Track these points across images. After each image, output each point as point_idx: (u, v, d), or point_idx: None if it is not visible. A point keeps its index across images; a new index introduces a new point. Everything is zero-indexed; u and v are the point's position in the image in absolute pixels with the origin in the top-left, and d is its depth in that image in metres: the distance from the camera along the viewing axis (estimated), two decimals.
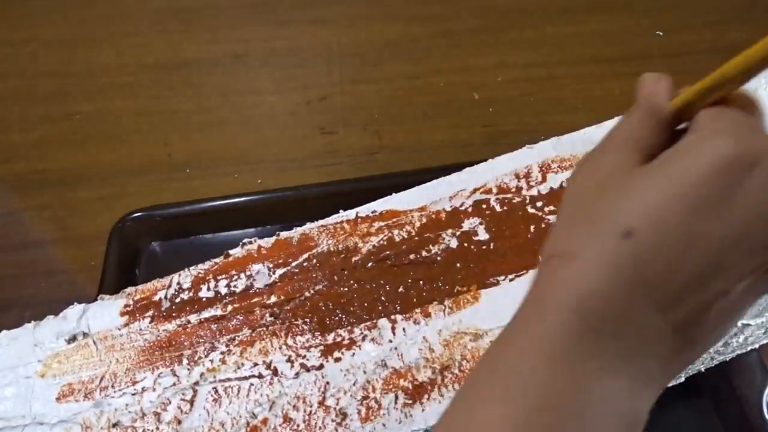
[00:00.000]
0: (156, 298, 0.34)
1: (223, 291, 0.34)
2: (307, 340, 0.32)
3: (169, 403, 0.30)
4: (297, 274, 0.35)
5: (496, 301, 0.33)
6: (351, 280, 0.34)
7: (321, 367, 0.31)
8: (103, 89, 0.69)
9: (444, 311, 0.33)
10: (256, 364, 0.32)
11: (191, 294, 0.34)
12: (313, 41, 0.73)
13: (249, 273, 0.35)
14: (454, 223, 0.36)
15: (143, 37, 0.75)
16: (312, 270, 0.35)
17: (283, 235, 0.37)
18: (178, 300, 0.34)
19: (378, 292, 0.34)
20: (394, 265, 0.35)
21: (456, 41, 0.72)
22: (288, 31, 0.75)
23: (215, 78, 0.70)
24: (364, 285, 0.34)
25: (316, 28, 0.75)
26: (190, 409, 0.30)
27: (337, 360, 0.32)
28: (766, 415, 0.40)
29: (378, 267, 0.35)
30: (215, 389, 0.31)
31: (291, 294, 0.34)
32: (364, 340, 0.32)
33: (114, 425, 0.30)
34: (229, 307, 0.34)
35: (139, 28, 0.76)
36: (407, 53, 0.71)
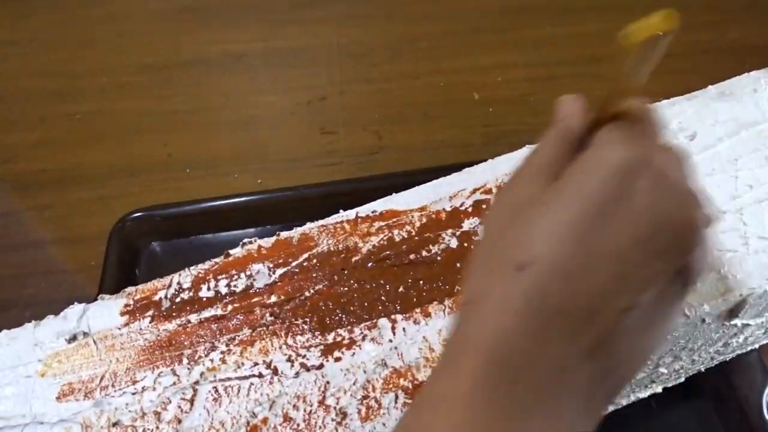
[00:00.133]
0: (156, 297, 0.34)
1: (224, 291, 0.34)
2: (307, 340, 0.32)
3: (170, 402, 0.30)
4: (297, 274, 0.35)
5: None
6: (351, 280, 0.34)
7: (321, 366, 0.31)
8: (103, 89, 0.69)
9: (444, 311, 0.33)
10: (256, 364, 0.32)
11: (191, 294, 0.34)
12: (313, 41, 0.73)
13: (249, 273, 0.35)
14: (454, 223, 0.36)
15: (143, 37, 0.75)
16: (312, 270, 0.35)
17: (283, 235, 0.37)
18: (178, 300, 0.34)
19: (378, 292, 0.34)
20: (394, 265, 0.35)
21: (456, 41, 0.72)
22: (288, 31, 0.75)
23: (215, 78, 0.70)
24: (364, 285, 0.34)
25: (316, 28, 0.75)
26: (191, 409, 0.30)
27: (337, 359, 0.32)
28: (766, 415, 0.40)
29: (378, 267, 0.35)
30: (215, 388, 0.31)
31: (291, 294, 0.34)
32: (364, 339, 0.32)
33: (114, 424, 0.30)
34: (230, 307, 0.34)
35: (139, 28, 0.76)
36: (407, 53, 0.71)
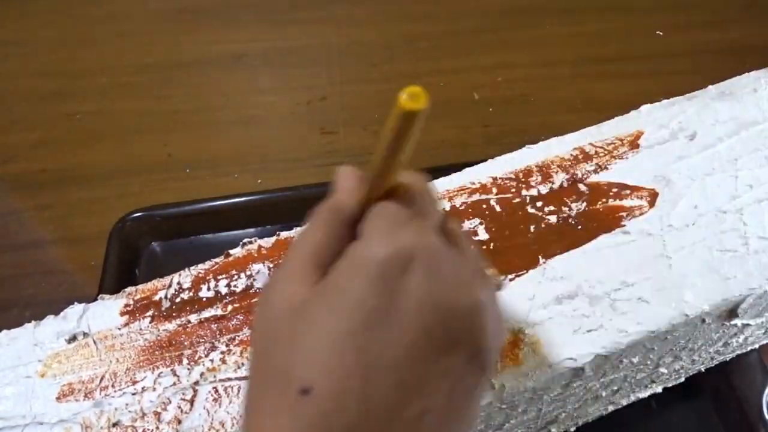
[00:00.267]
0: (156, 297, 0.34)
1: (224, 291, 0.34)
2: None
3: (170, 402, 0.30)
4: None
5: None
6: None
7: None
8: (103, 89, 0.69)
9: None
10: None
11: (191, 294, 0.34)
12: (313, 41, 0.73)
13: (249, 273, 0.35)
14: None
15: (143, 37, 0.75)
16: None
17: (283, 235, 0.37)
18: (178, 300, 0.34)
19: None
20: None
21: (456, 41, 0.72)
22: (288, 31, 0.75)
23: (215, 78, 0.70)
24: None
25: (316, 28, 0.75)
26: (191, 409, 0.30)
27: None
28: (766, 415, 0.40)
29: None
30: (215, 389, 0.31)
31: None
32: None
33: (114, 425, 0.30)
34: (230, 307, 0.34)
35: (139, 28, 0.76)
36: (407, 53, 0.71)
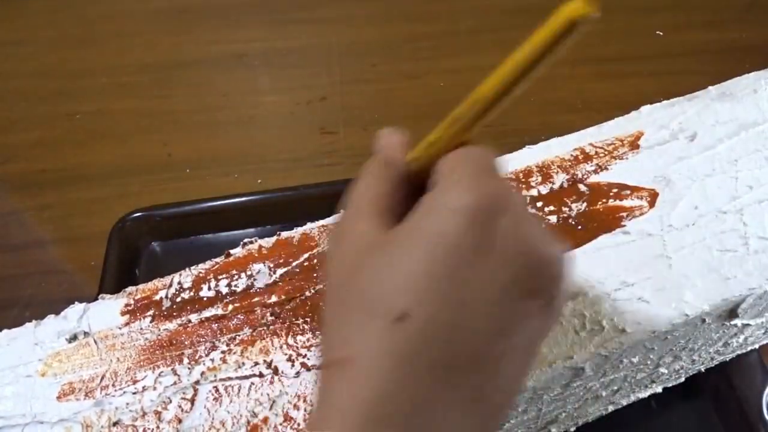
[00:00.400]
0: (157, 297, 0.34)
1: (224, 290, 0.34)
2: (308, 340, 0.32)
3: (170, 401, 0.30)
4: (298, 274, 0.35)
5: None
6: None
7: None
8: (103, 89, 0.69)
9: None
10: (256, 364, 0.32)
11: (192, 293, 0.34)
12: (313, 41, 0.73)
13: (250, 273, 0.35)
14: None
15: (143, 37, 0.75)
16: (313, 270, 0.35)
17: (283, 235, 0.37)
18: (178, 299, 0.34)
19: None
20: None
21: (456, 41, 0.72)
22: (288, 31, 0.75)
23: (215, 78, 0.70)
24: None
25: (316, 28, 0.75)
26: (191, 408, 0.30)
27: None
28: (766, 415, 0.40)
29: None
30: (216, 388, 0.31)
31: (292, 293, 0.34)
32: None
33: (114, 424, 0.30)
34: (230, 307, 0.34)
35: (139, 28, 0.76)
36: (407, 53, 0.71)
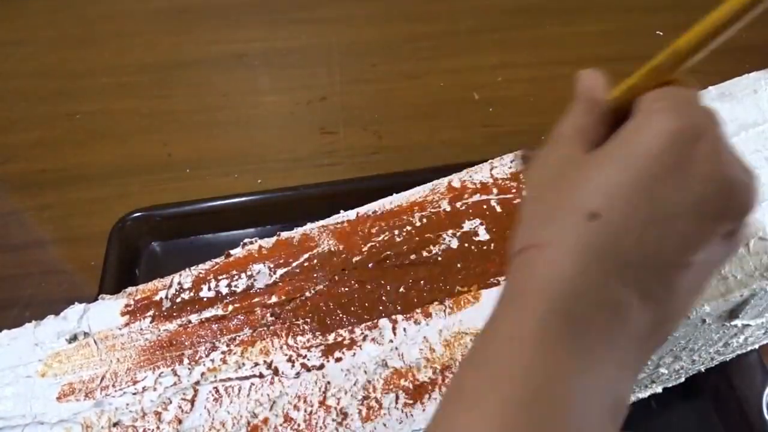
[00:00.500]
0: (157, 297, 0.34)
1: (224, 291, 0.34)
2: (308, 340, 0.32)
3: (170, 402, 0.30)
4: (298, 274, 0.35)
5: (496, 301, 0.33)
6: (352, 280, 0.34)
7: (322, 366, 0.31)
8: (103, 89, 0.69)
9: (445, 311, 0.33)
10: (256, 364, 0.32)
11: (192, 294, 0.34)
12: (313, 41, 0.73)
13: (250, 273, 0.35)
14: (454, 224, 0.36)
15: (143, 37, 0.75)
16: (313, 270, 0.35)
17: (283, 235, 0.37)
18: (178, 300, 0.34)
19: (378, 292, 0.34)
20: (395, 266, 0.35)
21: (456, 41, 0.72)
22: (288, 31, 0.75)
23: (215, 78, 0.70)
24: (365, 285, 0.34)
25: (316, 28, 0.75)
26: (191, 409, 0.30)
27: (338, 360, 0.32)
28: (766, 415, 0.40)
29: (378, 267, 0.35)
30: (216, 389, 0.31)
31: (292, 294, 0.34)
32: (365, 340, 0.32)
33: (115, 424, 0.30)
34: (230, 307, 0.34)
35: (139, 28, 0.76)
36: (407, 53, 0.71)
